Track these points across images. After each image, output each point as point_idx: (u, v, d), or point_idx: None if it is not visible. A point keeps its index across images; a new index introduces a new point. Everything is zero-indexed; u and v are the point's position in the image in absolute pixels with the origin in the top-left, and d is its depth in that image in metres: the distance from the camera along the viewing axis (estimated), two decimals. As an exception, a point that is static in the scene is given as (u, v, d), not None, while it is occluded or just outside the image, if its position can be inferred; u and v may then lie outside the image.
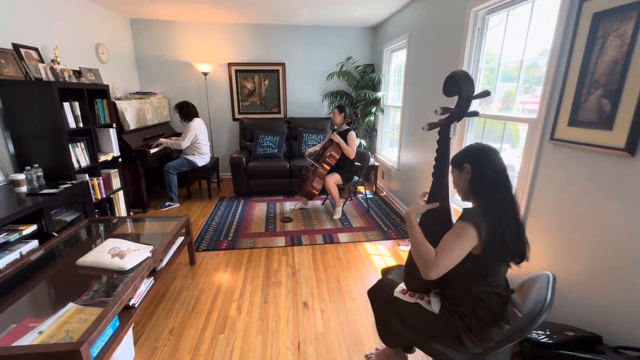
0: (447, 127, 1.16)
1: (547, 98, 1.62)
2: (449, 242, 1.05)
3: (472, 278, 1.11)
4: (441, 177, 1.19)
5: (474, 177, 1.10)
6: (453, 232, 1.07)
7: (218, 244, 2.83)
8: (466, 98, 1.09)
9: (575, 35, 1.44)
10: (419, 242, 1.11)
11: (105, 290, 1.56)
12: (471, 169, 1.10)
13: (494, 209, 1.06)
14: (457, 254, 1.04)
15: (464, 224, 1.05)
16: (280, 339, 1.74)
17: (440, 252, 1.05)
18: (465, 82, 1.09)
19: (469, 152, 1.13)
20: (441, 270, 1.04)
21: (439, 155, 1.21)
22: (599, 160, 1.37)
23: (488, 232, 1.03)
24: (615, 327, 1.33)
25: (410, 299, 1.29)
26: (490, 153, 1.10)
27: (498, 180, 1.08)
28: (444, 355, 1.17)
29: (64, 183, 2.29)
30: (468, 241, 1.04)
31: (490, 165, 1.09)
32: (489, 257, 1.06)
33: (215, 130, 4.76)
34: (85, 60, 3.21)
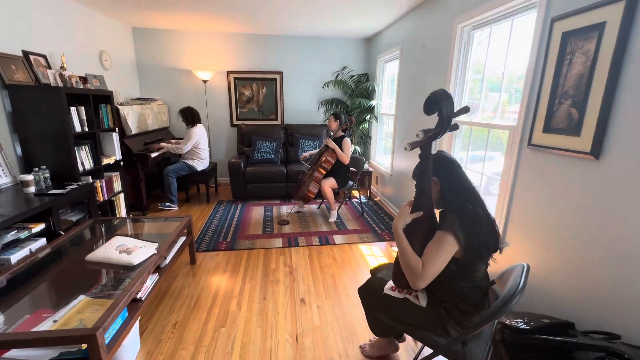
0: (429, 145, 1.21)
1: (524, 107, 1.78)
2: (432, 252, 1.15)
3: (455, 277, 1.23)
4: (424, 189, 1.24)
5: (443, 187, 1.24)
6: (435, 242, 1.17)
7: (217, 244, 2.92)
8: (447, 118, 1.14)
9: (548, 51, 1.61)
10: (406, 254, 1.19)
11: (113, 284, 1.65)
12: (439, 180, 1.23)
13: (466, 212, 1.17)
14: (441, 262, 1.14)
15: (443, 233, 1.16)
16: (279, 332, 1.84)
17: (426, 263, 1.14)
18: (445, 102, 1.14)
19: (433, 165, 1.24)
20: (428, 280, 1.14)
21: (421, 170, 1.25)
22: (569, 163, 1.53)
23: (466, 237, 1.14)
24: (587, 314, 1.46)
25: (399, 295, 1.39)
26: (449, 162, 1.25)
27: (462, 182, 1.22)
28: (431, 340, 1.28)
29: (70, 184, 2.37)
30: (449, 249, 1.14)
31: (453, 173, 1.23)
32: (470, 258, 1.17)
33: (214, 136, 4.87)
34: (89, 67, 3.32)
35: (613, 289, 1.35)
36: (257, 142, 4.40)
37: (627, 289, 1.29)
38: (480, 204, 1.21)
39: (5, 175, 2.27)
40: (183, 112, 3.86)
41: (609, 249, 1.36)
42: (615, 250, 1.33)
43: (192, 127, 3.84)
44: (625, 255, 1.29)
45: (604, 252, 1.38)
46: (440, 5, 2.70)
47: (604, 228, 1.38)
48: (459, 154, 2.63)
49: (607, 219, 1.36)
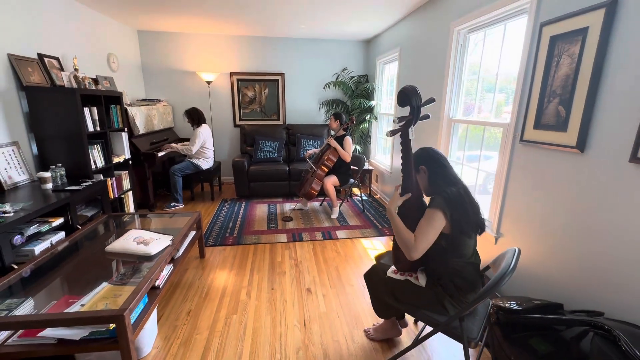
0: (406, 131, 1.40)
1: (517, 105, 1.90)
2: (423, 227, 1.31)
3: (447, 253, 1.37)
4: (408, 172, 1.41)
5: (431, 175, 1.40)
6: (425, 218, 1.32)
7: (224, 240, 3.02)
8: (416, 107, 1.36)
9: (538, 53, 1.73)
10: (400, 231, 1.36)
11: (132, 273, 1.76)
12: (427, 169, 1.40)
13: (451, 194, 1.32)
14: (432, 235, 1.30)
15: (432, 210, 1.32)
16: (287, 318, 1.95)
17: (418, 236, 1.30)
18: (413, 95, 1.35)
19: (421, 157, 1.44)
20: (421, 251, 1.29)
21: (404, 155, 1.42)
22: (557, 156, 1.65)
23: (452, 213, 1.30)
24: (574, 296, 1.58)
25: (401, 277, 1.52)
26: (437, 155, 1.42)
27: (446, 170, 1.39)
28: (431, 318, 1.40)
29: (85, 181, 2.48)
30: (438, 223, 1.30)
31: (438, 162, 1.40)
32: (457, 233, 1.32)
33: (217, 136, 4.98)
34: (98, 68, 3.42)
35: (596, 272, 1.47)
36: (260, 142, 4.52)
37: (608, 272, 1.41)
38: (463, 189, 1.36)
39: (23, 173, 2.37)
40: (188, 113, 3.97)
41: (593, 236, 1.48)
42: (598, 236, 1.45)
43: (197, 127, 3.95)
44: (606, 242, 1.41)
45: (588, 239, 1.50)
46: (438, 9, 2.82)
47: (588, 216, 1.50)
48: (456, 154, 2.75)
49: (591, 207, 1.48)
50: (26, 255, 1.85)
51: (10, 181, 2.25)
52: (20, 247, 1.83)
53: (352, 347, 1.72)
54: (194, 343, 1.74)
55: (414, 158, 1.42)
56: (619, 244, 1.36)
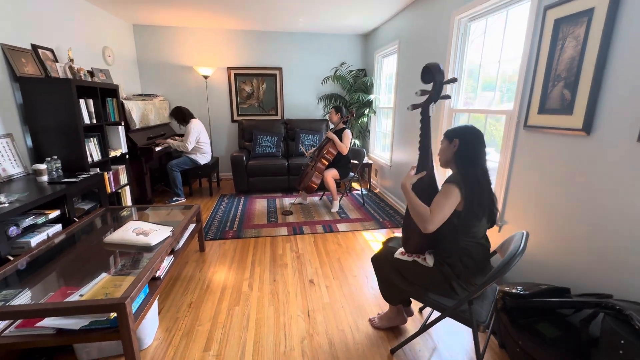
0: (426, 107, 1.42)
1: (520, 91, 1.89)
2: (440, 201, 1.30)
3: (458, 231, 1.36)
4: (426, 150, 1.44)
5: (459, 150, 1.36)
6: (441, 193, 1.32)
7: (224, 233, 2.99)
8: (439, 83, 1.37)
9: (542, 37, 1.72)
10: (416, 204, 1.35)
11: (132, 264, 1.72)
12: (459, 143, 1.35)
13: (470, 177, 1.31)
14: (447, 209, 1.29)
15: (449, 185, 1.31)
16: (291, 309, 1.92)
17: (434, 209, 1.29)
18: (437, 71, 1.36)
19: (462, 129, 1.38)
20: (436, 224, 1.28)
21: (423, 132, 1.45)
22: (563, 140, 1.64)
23: (467, 191, 1.29)
24: (580, 280, 1.57)
25: (409, 258, 1.51)
26: (477, 136, 1.35)
27: (477, 158, 1.34)
28: (438, 303, 1.38)
29: (81, 174, 2.42)
30: (454, 198, 1.29)
31: (474, 145, 1.35)
32: (469, 212, 1.31)
33: (215, 131, 4.93)
34: (93, 62, 3.36)
35: (603, 255, 1.46)
36: (258, 137, 4.48)
37: (615, 255, 1.40)
38: (483, 174, 1.34)
39: (17, 166, 2.32)
40: (173, 114, 3.93)
41: (600, 219, 1.47)
42: (605, 219, 1.44)
43: (187, 124, 3.88)
44: (614, 224, 1.40)
45: (595, 221, 1.49)
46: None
47: (594, 199, 1.49)
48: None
49: (598, 189, 1.47)
50: (22, 247, 1.80)
51: (4, 174, 2.20)
52: (15, 239, 1.78)
53: (358, 336, 1.70)
54: (196, 334, 1.71)
55: (450, 131, 1.40)
56: (627, 226, 1.35)
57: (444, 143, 1.42)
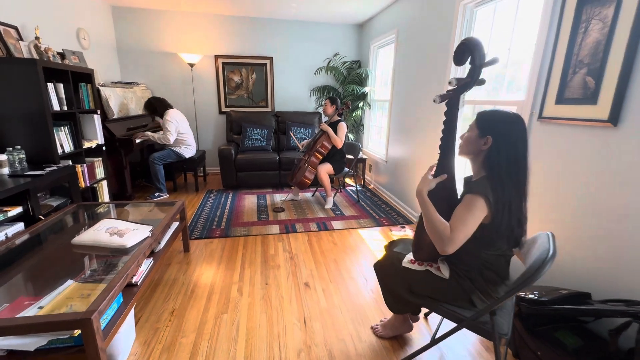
0: (457, 97, 1.17)
1: (535, 80, 1.75)
2: (462, 216, 1.07)
3: (480, 244, 1.16)
4: (448, 150, 1.20)
5: (492, 153, 1.09)
6: (465, 206, 1.08)
7: (211, 232, 2.78)
8: (478, 66, 1.10)
9: (561, 21, 1.58)
10: (433, 219, 1.11)
11: (105, 269, 1.50)
12: (492, 143, 1.08)
13: (502, 191, 1.05)
14: (471, 227, 1.06)
15: (474, 197, 1.06)
16: (285, 316, 1.74)
17: (455, 226, 1.06)
18: (477, 50, 1.09)
19: (500, 120, 1.09)
20: (457, 245, 1.06)
21: (447, 127, 1.21)
22: (584, 133, 1.51)
23: (495, 207, 1.05)
24: (603, 284, 1.45)
25: (420, 267, 1.33)
26: (520, 135, 1.06)
27: (514, 166, 1.06)
28: (455, 313, 1.22)
29: (49, 166, 2.17)
30: (479, 212, 1.05)
31: (513, 149, 1.05)
32: (496, 229, 1.09)
33: (201, 123, 4.67)
34: (65, 44, 3.06)
35: (628, 258, 1.34)
36: (247, 129, 4.25)
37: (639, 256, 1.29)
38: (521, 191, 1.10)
39: (-27, 156, 2.04)
40: (146, 106, 3.65)
41: (624, 218, 1.35)
42: (631, 218, 1.32)
43: (164, 115, 3.61)
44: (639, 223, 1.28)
45: (619, 221, 1.37)
46: (440, -16, 2.65)
47: (618, 196, 1.36)
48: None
49: (622, 185, 1.35)
50: (-27, 250, 1.56)
51: (-44, 165, 1.93)
52: (-35, 241, 1.54)
53: (360, 347, 1.54)
54: (178, 347, 1.51)
55: (484, 120, 1.12)
56: (659, 226, 1.23)
57: (473, 132, 1.14)
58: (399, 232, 2.85)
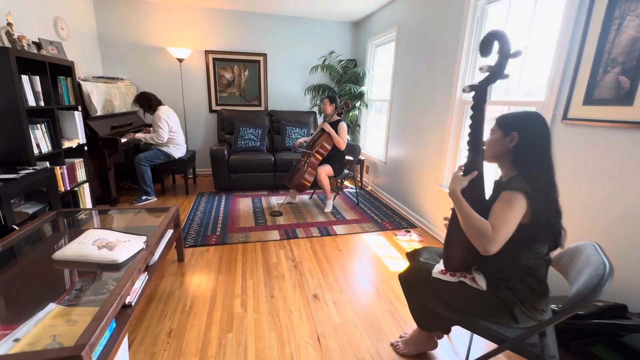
0: (484, 88, 1.12)
1: (558, 80, 1.68)
2: (502, 213, 1.02)
3: (520, 248, 1.08)
4: (477, 145, 1.15)
5: (520, 148, 1.07)
6: (504, 203, 1.03)
7: (206, 239, 2.58)
8: (505, 55, 1.07)
9: (590, 17, 1.50)
10: (472, 218, 1.06)
11: (92, 288, 1.31)
12: (519, 138, 1.07)
13: (538, 182, 1.04)
14: (512, 224, 1.01)
15: (513, 193, 1.02)
16: (297, 334, 1.59)
17: (496, 225, 1.01)
18: (505, 39, 1.06)
19: (522, 118, 1.08)
20: (499, 244, 1.00)
21: (474, 121, 1.15)
22: (616, 135, 1.43)
23: (534, 201, 1.02)
24: (636, 294, 1.38)
25: (453, 278, 1.22)
26: (543, 128, 1.06)
27: (544, 157, 1.06)
28: (495, 333, 1.11)
29: (24, 169, 1.92)
30: (519, 209, 1.02)
31: (541, 141, 1.06)
32: (538, 226, 1.04)
33: (191, 122, 4.43)
34: (42, 34, 2.78)
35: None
36: (240, 129, 4.05)
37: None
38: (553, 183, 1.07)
39: None
40: (137, 101, 3.41)
41: (665, 225, 1.28)
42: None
43: (154, 111, 3.39)
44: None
45: (656, 228, 1.30)
46: (448, -20, 2.56)
47: (658, 203, 1.29)
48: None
49: (663, 192, 1.28)
50: None
51: None
52: None
53: (382, 367, 1.41)
54: (180, 375, 1.34)
55: (505, 120, 1.11)
56: None
57: (496, 134, 1.12)
58: (404, 236, 2.75)
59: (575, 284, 1.11)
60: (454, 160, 2.60)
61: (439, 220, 2.75)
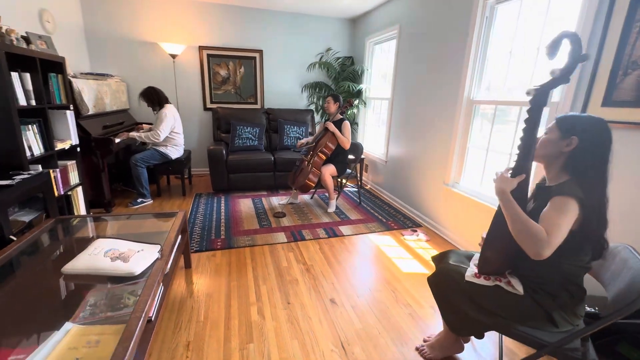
0: (547, 92, 1.08)
1: (573, 82, 1.69)
2: (555, 219, 1.00)
3: (563, 254, 1.06)
4: (529, 150, 1.12)
5: (577, 154, 1.05)
6: (556, 209, 1.01)
7: (211, 243, 2.49)
8: (575, 59, 1.02)
9: (610, 19, 1.52)
10: (526, 221, 1.03)
11: (107, 303, 1.23)
12: (578, 143, 1.04)
13: (592, 192, 1.01)
14: (565, 231, 1.00)
15: (565, 198, 1.01)
16: (320, 342, 1.55)
17: (550, 230, 0.99)
18: (578, 43, 1.02)
19: (585, 123, 1.05)
20: (553, 248, 0.99)
21: (529, 124, 1.11)
22: (638, 138, 1.45)
23: (586, 209, 1.00)
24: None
25: (488, 282, 1.21)
26: (606, 138, 1.02)
27: (601, 168, 1.03)
28: (534, 338, 1.11)
29: (18, 174, 1.79)
30: (572, 215, 1.00)
31: (601, 151, 1.02)
32: (586, 234, 1.03)
33: (185, 120, 4.26)
34: (27, 26, 2.59)
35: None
36: (237, 128, 3.94)
37: None
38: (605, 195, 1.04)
39: None
40: (145, 96, 3.25)
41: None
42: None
43: (161, 108, 3.27)
44: None
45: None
46: (454, -21, 2.55)
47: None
48: (479, 141, 2.53)
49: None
50: None
51: None
52: None
53: (411, 373, 1.39)
54: (205, 392, 1.27)
55: (567, 122, 1.08)
56: None
57: (553, 135, 1.10)
58: (411, 236, 2.74)
59: (612, 287, 1.12)
60: (460, 159, 2.61)
61: (445, 219, 2.76)
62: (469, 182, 2.58)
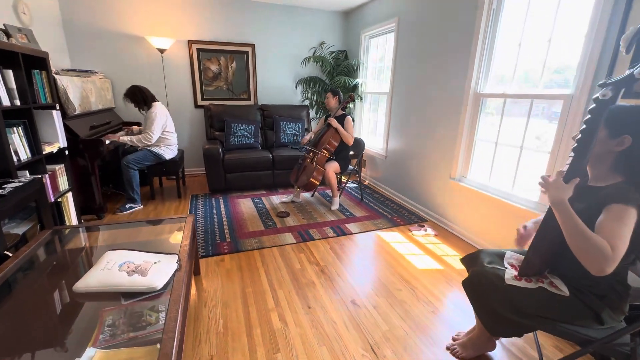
0: (618, 91, 0.94)
1: (591, 73, 1.69)
2: (618, 230, 0.93)
3: None
4: (585, 151, 1.03)
5: (632, 154, 0.99)
6: (616, 219, 0.95)
7: (217, 247, 2.38)
8: None
9: (630, 8, 1.52)
10: (590, 236, 0.94)
11: (127, 322, 1.12)
12: (633, 143, 0.97)
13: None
14: (627, 242, 0.93)
15: (623, 207, 0.95)
16: (349, 346, 1.50)
17: (615, 244, 0.91)
18: None
19: (628, 115, 0.98)
20: (616, 264, 0.92)
21: (589, 125, 1.00)
22: (659, 128, 1.47)
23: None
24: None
25: (530, 284, 1.18)
26: None
27: None
28: (580, 335, 1.09)
29: (8, 182, 1.62)
30: (632, 223, 0.95)
31: None
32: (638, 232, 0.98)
33: (175, 118, 4.07)
34: (1, 18, 2.36)
35: None
36: (232, 125, 3.79)
37: None
38: None
39: None
40: (129, 96, 3.01)
41: None
42: None
43: (149, 108, 3.07)
44: None
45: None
46: (458, -30, 2.51)
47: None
48: (487, 135, 2.52)
49: None
50: None
51: None
52: None
53: (447, 374, 1.36)
54: (238, 410, 1.19)
55: (616, 118, 1.00)
56: None
57: (602, 133, 1.03)
58: (419, 231, 2.73)
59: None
60: (467, 153, 2.60)
61: (452, 213, 2.76)
62: (477, 175, 2.58)
